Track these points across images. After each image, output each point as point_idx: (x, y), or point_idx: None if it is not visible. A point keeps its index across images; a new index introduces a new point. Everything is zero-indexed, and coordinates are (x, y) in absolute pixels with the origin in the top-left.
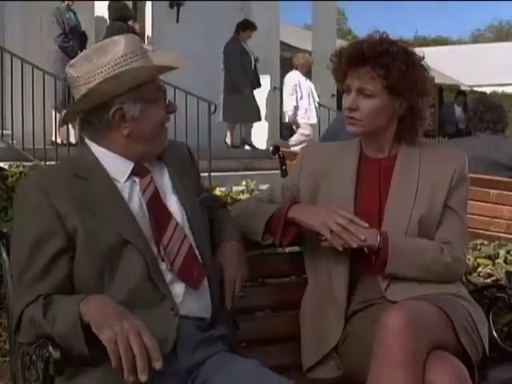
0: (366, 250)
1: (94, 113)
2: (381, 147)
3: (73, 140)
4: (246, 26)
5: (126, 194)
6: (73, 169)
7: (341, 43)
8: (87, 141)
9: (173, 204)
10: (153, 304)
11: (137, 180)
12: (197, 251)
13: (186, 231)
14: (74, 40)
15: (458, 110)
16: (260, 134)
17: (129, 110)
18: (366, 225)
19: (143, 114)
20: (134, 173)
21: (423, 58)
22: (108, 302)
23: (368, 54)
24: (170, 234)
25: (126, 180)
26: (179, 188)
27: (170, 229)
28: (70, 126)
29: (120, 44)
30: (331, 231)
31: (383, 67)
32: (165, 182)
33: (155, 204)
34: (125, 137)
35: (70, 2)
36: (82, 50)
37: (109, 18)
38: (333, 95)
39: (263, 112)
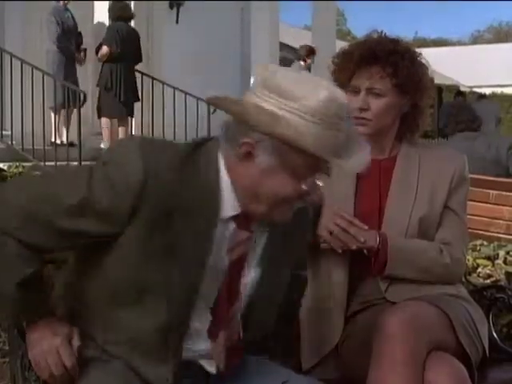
0: (365, 251)
1: (237, 126)
2: (382, 148)
3: (65, 140)
4: (309, 52)
5: (216, 233)
6: (184, 167)
7: (341, 44)
8: (220, 149)
9: (250, 275)
10: (152, 360)
11: (232, 228)
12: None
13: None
14: (71, 40)
15: None
16: None
17: (259, 155)
18: (366, 227)
19: (270, 172)
20: (235, 218)
21: (420, 54)
22: (47, 325)
23: (379, 53)
24: (233, 312)
25: (225, 219)
26: (266, 257)
27: (235, 307)
28: (61, 126)
29: (322, 92)
30: (331, 233)
31: (391, 66)
32: (256, 246)
33: (236, 270)
34: (243, 177)
35: (66, 1)
36: (78, 51)
37: (109, 18)
38: None
39: None
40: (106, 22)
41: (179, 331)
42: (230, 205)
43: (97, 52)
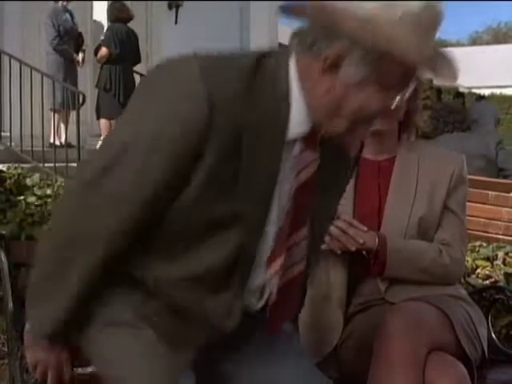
0: (364, 252)
1: (319, 33)
2: (383, 149)
3: (63, 142)
4: None
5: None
6: (250, 87)
7: None
8: (292, 58)
9: None
10: (214, 297)
11: (299, 148)
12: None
13: None
14: (69, 42)
15: None
16: None
17: (345, 66)
18: (365, 228)
19: (357, 85)
20: (302, 138)
21: None
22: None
23: None
24: (292, 242)
25: (292, 139)
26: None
27: (298, 236)
28: (60, 127)
29: None
30: (330, 234)
31: None
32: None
33: (304, 195)
34: (323, 91)
35: (65, 3)
36: (77, 53)
37: (108, 19)
38: None
39: None
40: (104, 22)
41: (247, 262)
42: (298, 122)
43: (96, 53)
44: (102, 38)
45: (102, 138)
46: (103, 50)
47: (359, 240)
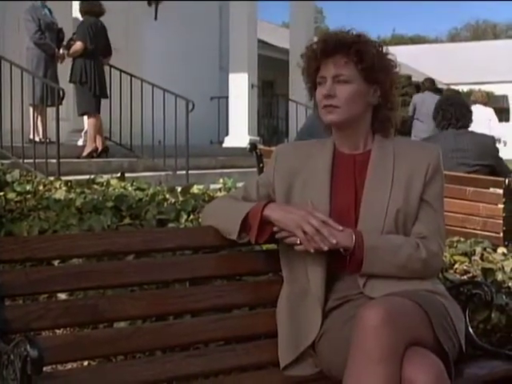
0: (341, 250)
1: None
2: (356, 143)
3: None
4: (433, 83)
5: None
6: None
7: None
8: None
9: None
10: None
11: None
12: None
13: None
14: (50, 37)
15: None
16: (238, 132)
17: None
18: (340, 227)
19: None
20: None
21: (387, 48)
22: None
23: (342, 41)
24: None
25: None
26: None
27: None
28: (39, 123)
29: None
30: (305, 233)
31: (357, 53)
32: None
33: None
34: None
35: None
36: (58, 47)
37: (81, 13)
38: None
39: (242, 110)
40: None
41: None
42: None
43: (68, 48)
44: (74, 32)
45: (87, 133)
46: (78, 45)
47: (332, 240)
